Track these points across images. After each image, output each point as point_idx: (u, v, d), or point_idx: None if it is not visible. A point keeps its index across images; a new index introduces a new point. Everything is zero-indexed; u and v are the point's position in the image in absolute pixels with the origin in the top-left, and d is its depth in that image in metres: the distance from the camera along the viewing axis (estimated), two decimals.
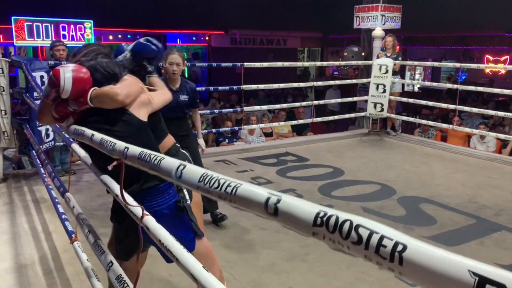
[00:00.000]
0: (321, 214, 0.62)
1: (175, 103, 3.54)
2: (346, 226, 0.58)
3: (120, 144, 1.33)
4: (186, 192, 2.18)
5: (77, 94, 1.79)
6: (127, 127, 1.85)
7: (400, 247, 0.52)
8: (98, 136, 1.52)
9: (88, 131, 1.64)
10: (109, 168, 1.49)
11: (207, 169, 0.97)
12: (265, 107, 7.42)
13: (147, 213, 1.43)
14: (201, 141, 3.90)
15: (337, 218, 0.60)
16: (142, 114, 1.92)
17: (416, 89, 15.84)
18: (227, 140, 7.23)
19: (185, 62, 3.58)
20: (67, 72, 1.75)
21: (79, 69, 1.79)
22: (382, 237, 0.54)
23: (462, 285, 0.45)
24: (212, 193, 0.88)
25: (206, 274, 1.11)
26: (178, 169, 1.01)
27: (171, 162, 1.05)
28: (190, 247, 1.85)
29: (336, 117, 7.79)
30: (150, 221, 1.40)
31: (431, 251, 0.50)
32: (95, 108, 1.83)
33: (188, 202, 2.16)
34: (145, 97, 1.96)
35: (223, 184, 0.85)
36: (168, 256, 1.86)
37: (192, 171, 0.97)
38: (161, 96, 2.10)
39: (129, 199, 1.53)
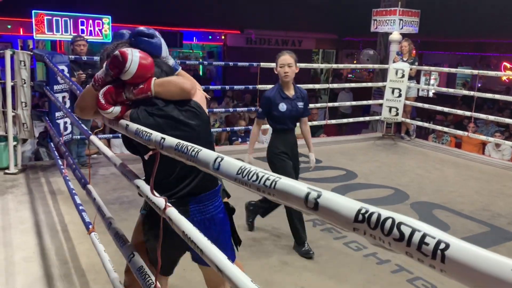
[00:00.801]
0: (363, 211, 0.64)
1: (295, 111, 3.26)
2: (388, 223, 0.60)
3: (156, 135, 1.31)
4: None
5: (138, 79, 1.67)
6: (200, 121, 1.73)
7: (442, 245, 0.54)
8: (133, 126, 1.48)
9: (123, 122, 1.58)
10: (146, 157, 1.46)
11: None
12: None
13: (169, 204, 1.42)
14: (312, 156, 3.45)
15: (379, 215, 0.62)
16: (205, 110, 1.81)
17: (430, 94, 15.73)
18: (240, 139, 7.27)
19: (297, 64, 3.26)
20: (135, 54, 1.66)
21: (145, 55, 1.70)
22: (424, 235, 0.56)
23: (505, 284, 0.47)
24: (250, 185, 0.88)
25: (231, 266, 1.11)
26: (216, 161, 1.01)
27: (209, 154, 1.05)
28: (232, 256, 1.79)
29: (351, 119, 7.77)
30: (172, 212, 1.39)
31: (474, 250, 0.51)
32: (155, 99, 1.69)
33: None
34: (201, 93, 1.86)
35: (261, 178, 0.86)
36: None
37: (230, 163, 0.97)
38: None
39: (148, 190, 1.52)
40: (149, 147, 1.38)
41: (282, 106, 3.21)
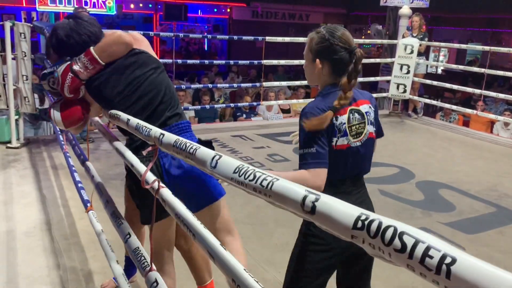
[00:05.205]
0: (363, 217, 0.59)
1: None
2: (390, 232, 0.55)
3: (156, 130, 1.31)
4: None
5: (74, 91, 1.80)
6: (156, 63, 1.82)
7: (448, 260, 0.48)
8: (134, 121, 1.49)
9: (124, 116, 1.59)
10: (144, 153, 1.53)
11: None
12: (284, 83, 7.32)
13: (163, 185, 1.39)
14: None
15: (380, 223, 0.56)
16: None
17: (439, 71, 15.47)
18: (244, 115, 7.19)
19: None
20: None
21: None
22: (428, 247, 0.51)
23: None
24: (247, 185, 0.86)
25: (223, 251, 1.09)
26: (214, 159, 0.99)
27: (207, 152, 1.04)
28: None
29: None
30: (165, 193, 1.36)
31: (483, 267, 0.46)
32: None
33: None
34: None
35: (258, 178, 0.83)
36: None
37: (228, 162, 0.95)
38: None
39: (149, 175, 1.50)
40: (148, 143, 1.40)
41: None
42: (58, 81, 1.75)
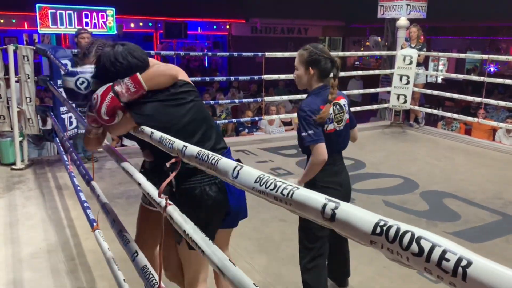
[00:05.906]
0: (381, 223, 0.62)
1: None
2: (407, 237, 0.59)
3: (179, 143, 1.34)
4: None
5: (110, 112, 1.73)
6: (196, 92, 1.88)
7: (464, 262, 0.51)
8: (157, 134, 1.51)
9: (148, 130, 1.60)
10: (167, 165, 1.50)
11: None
12: (285, 97, 7.35)
13: (170, 202, 1.41)
14: None
15: (397, 228, 0.60)
16: None
17: (439, 80, 15.54)
18: (246, 130, 7.22)
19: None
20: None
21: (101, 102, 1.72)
22: (445, 251, 0.53)
23: None
24: (268, 194, 0.88)
25: (231, 266, 1.10)
26: (235, 169, 1.02)
27: (228, 163, 1.07)
28: None
29: (358, 108, 7.65)
30: (173, 211, 1.38)
31: (498, 269, 0.47)
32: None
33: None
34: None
35: (279, 187, 0.86)
36: None
37: (249, 172, 0.98)
38: None
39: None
40: (171, 155, 1.40)
41: None
42: (97, 101, 1.70)
